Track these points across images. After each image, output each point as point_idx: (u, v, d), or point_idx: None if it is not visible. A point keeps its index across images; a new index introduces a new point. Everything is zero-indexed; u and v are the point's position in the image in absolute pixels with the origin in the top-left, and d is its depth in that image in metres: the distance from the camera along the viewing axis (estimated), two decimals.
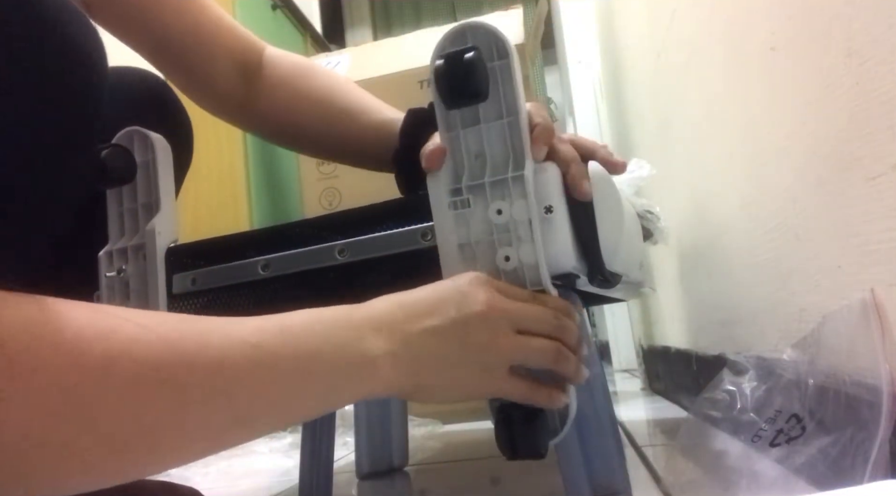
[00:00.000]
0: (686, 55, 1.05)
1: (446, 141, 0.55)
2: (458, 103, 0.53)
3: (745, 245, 0.86)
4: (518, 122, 0.53)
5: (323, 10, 2.92)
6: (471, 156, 0.54)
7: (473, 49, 0.51)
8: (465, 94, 0.51)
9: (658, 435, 1.15)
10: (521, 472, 0.95)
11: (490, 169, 0.54)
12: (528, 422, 0.51)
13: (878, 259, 0.52)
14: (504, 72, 0.52)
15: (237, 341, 0.37)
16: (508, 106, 0.53)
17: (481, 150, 0.54)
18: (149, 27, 0.71)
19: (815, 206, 0.64)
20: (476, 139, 0.54)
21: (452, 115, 0.54)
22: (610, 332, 2.35)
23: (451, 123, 0.54)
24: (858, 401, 0.52)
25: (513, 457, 0.51)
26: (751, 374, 0.69)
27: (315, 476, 0.77)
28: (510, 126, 0.53)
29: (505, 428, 0.51)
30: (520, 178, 0.52)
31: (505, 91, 0.53)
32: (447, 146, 0.54)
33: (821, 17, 0.58)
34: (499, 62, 0.52)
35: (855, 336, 0.54)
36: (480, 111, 0.53)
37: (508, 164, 0.53)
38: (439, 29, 1.51)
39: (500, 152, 0.54)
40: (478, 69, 0.50)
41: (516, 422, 0.51)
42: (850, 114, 0.55)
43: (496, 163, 0.54)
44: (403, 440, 1.06)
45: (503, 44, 0.52)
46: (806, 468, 0.56)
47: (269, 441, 1.46)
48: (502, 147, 0.53)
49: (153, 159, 0.66)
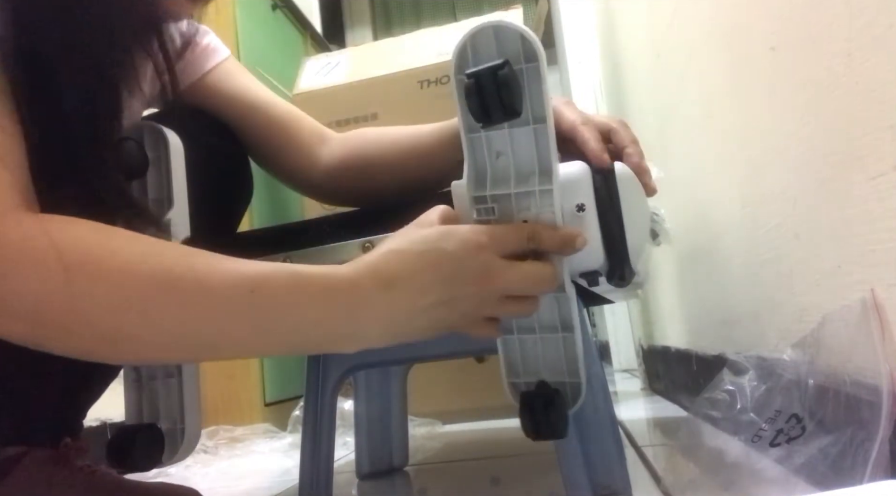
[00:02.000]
0: (686, 55, 1.05)
1: (467, 142, 0.53)
2: (491, 122, 0.50)
3: (745, 245, 0.86)
4: (546, 129, 0.51)
5: (323, 10, 2.92)
6: (492, 155, 0.53)
7: (505, 65, 0.47)
8: (501, 114, 0.48)
9: (658, 435, 1.15)
10: (521, 472, 0.95)
11: (514, 173, 0.52)
12: (546, 406, 0.54)
13: (878, 259, 0.52)
14: (532, 75, 0.49)
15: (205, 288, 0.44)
16: (536, 112, 0.51)
17: (504, 149, 0.53)
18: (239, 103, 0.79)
19: (815, 206, 0.64)
20: (500, 141, 0.52)
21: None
22: (610, 332, 2.35)
23: (474, 125, 0.52)
24: (858, 401, 0.52)
25: (536, 438, 0.55)
26: (751, 374, 0.69)
27: (315, 476, 0.77)
28: (537, 133, 0.51)
29: (527, 413, 0.54)
30: (548, 193, 0.52)
31: (532, 96, 0.50)
32: (468, 147, 0.53)
33: (821, 17, 0.58)
34: (526, 65, 0.49)
35: (855, 336, 0.54)
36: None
37: (534, 169, 0.52)
38: (439, 29, 1.51)
39: (525, 156, 0.52)
40: (512, 88, 0.47)
41: (537, 408, 0.54)
42: (850, 114, 0.55)
43: (520, 166, 0.52)
44: (403, 440, 1.06)
45: (531, 46, 0.49)
46: (806, 468, 0.56)
47: (270, 441, 1.46)
48: (528, 152, 0.52)
49: (166, 155, 0.65)
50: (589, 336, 0.60)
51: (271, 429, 1.57)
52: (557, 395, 0.54)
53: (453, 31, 1.48)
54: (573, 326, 0.56)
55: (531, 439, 0.55)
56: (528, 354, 0.57)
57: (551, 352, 0.56)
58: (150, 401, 0.64)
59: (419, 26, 2.45)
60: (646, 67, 1.42)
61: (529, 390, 0.56)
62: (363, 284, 0.47)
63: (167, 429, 0.63)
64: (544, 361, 0.56)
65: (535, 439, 0.55)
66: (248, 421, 1.60)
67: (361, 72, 1.46)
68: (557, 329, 0.56)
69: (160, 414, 0.63)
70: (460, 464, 1.08)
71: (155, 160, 0.66)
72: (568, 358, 0.56)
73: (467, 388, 1.43)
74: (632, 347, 2.18)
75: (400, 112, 1.39)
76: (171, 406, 0.63)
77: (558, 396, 0.54)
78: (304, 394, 0.78)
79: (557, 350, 0.56)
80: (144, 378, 0.64)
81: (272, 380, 1.69)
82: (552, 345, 0.56)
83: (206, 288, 0.43)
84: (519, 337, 0.57)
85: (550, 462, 0.59)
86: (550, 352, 0.56)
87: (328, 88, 1.45)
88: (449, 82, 1.42)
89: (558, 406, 0.54)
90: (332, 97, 1.44)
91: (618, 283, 0.59)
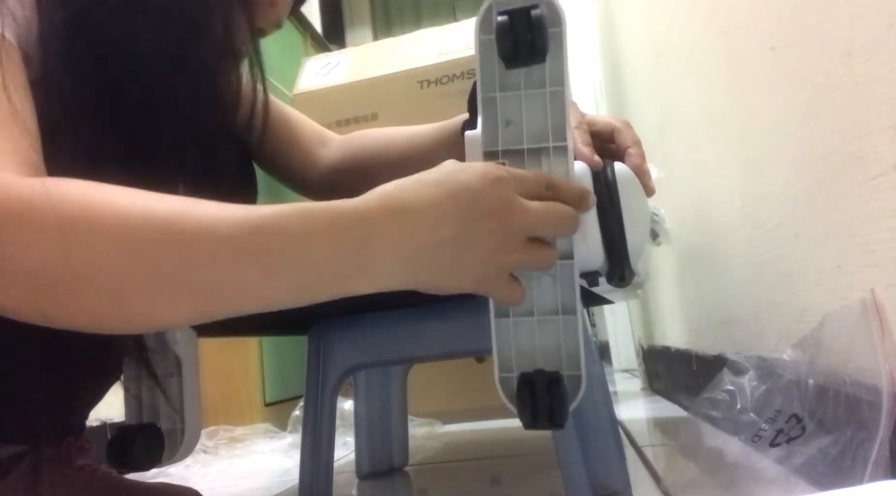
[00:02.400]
0: (686, 55, 1.05)
1: (484, 102, 0.52)
2: (519, 61, 0.50)
3: (745, 245, 0.86)
4: (563, 93, 0.50)
5: (323, 10, 2.92)
6: (503, 122, 0.52)
7: (539, 5, 0.48)
8: (530, 52, 0.49)
9: (658, 435, 1.15)
10: (521, 472, 0.95)
11: (527, 134, 0.51)
12: (549, 388, 0.50)
13: (878, 259, 0.52)
14: (555, 40, 0.50)
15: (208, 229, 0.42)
16: (554, 75, 0.50)
17: (517, 117, 0.51)
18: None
19: (815, 206, 0.64)
20: (513, 105, 0.51)
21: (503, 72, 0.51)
22: (610, 332, 2.35)
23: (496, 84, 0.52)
24: (858, 401, 0.52)
25: (533, 425, 0.51)
26: (751, 374, 0.69)
27: (315, 476, 0.77)
28: (552, 96, 0.50)
29: (526, 396, 0.51)
30: (562, 149, 0.50)
31: (553, 59, 0.50)
32: (483, 109, 0.52)
33: (821, 17, 0.58)
34: (551, 30, 0.49)
35: (855, 336, 0.54)
36: (523, 76, 0.51)
37: (547, 130, 0.51)
38: (439, 29, 1.51)
39: (538, 121, 0.51)
40: (543, 26, 0.48)
41: (537, 391, 0.50)
42: (850, 114, 0.55)
43: (532, 131, 0.51)
44: (403, 440, 1.06)
45: (556, 10, 0.49)
46: (806, 468, 0.56)
47: (270, 441, 1.46)
48: (540, 116, 0.51)
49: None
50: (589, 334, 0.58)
51: (271, 429, 1.57)
52: (559, 379, 0.50)
53: (453, 31, 1.48)
54: (575, 308, 0.52)
55: (526, 427, 0.51)
56: (523, 343, 0.52)
57: (549, 339, 0.52)
58: (150, 401, 0.64)
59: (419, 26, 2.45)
60: (646, 67, 1.42)
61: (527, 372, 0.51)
62: (374, 212, 0.45)
63: (167, 428, 0.63)
64: (541, 351, 0.52)
65: (531, 427, 0.51)
66: (248, 421, 1.60)
67: (361, 72, 1.46)
68: (557, 311, 0.52)
69: (160, 414, 0.63)
70: (460, 464, 1.08)
71: None
72: (567, 345, 0.52)
73: (467, 388, 1.43)
74: (632, 347, 2.18)
75: (400, 112, 1.39)
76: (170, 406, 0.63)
77: (560, 381, 0.50)
78: (304, 394, 0.78)
79: (556, 336, 0.52)
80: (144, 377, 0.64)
81: (272, 380, 1.69)
82: (551, 331, 0.52)
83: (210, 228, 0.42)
84: (514, 319, 0.52)
85: (550, 462, 0.59)
86: (548, 338, 0.52)
87: (328, 88, 1.45)
88: (448, 82, 1.42)
89: (560, 390, 0.50)
90: (332, 97, 1.44)
91: (618, 284, 0.58)
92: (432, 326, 0.74)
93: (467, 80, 1.36)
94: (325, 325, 0.79)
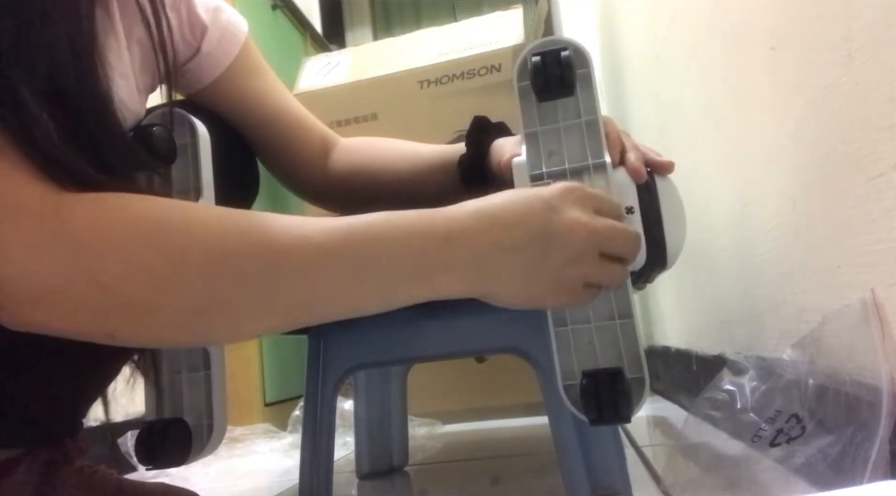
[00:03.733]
0: (686, 55, 1.05)
1: (527, 137, 0.58)
2: (550, 94, 0.58)
3: (745, 245, 0.86)
4: (596, 121, 0.58)
5: (323, 10, 2.92)
6: (546, 153, 0.58)
7: (567, 48, 0.58)
8: (560, 85, 0.57)
9: (658, 435, 1.15)
10: (521, 472, 0.95)
11: (568, 162, 0.57)
12: (613, 383, 0.52)
13: (878, 259, 0.52)
14: (584, 79, 0.58)
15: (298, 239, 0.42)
16: (587, 107, 0.58)
17: (557, 148, 0.58)
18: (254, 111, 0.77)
19: (815, 206, 0.64)
20: (553, 138, 0.58)
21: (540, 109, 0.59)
22: None
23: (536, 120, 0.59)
24: (858, 401, 0.52)
25: (598, 421, 0.52)
26: (751, 374, 0.69)
27: (315, 476, 0.76)
28: (588, 125, 0.58)
29: (591, 393, 0.53)
30: (602, 166, 0.56)
31: (584, 95, 0.58)
32: (525, 142, 0.58)
33: (821, 17, 0.58)
34: (579, 71, 0.58)
35: (855, 336, 0.54)
36: (560, 112, 0.58)
37: (586, 153, 0.57)
38: (439, 29, 1.51)
39: (577, 148, 0.58)
40: (571, 63, 0.57)
41: (602, 386, 0.52)
42: (850, 114, 0.55)
43: (573, 158, 0.57)
44: (403, 440, 1.06)
45: (583, 55, 0.59)
46: (806, 468, 0.56)
47: (269, 441, 1.46)
48: (579, 144, 0.57)
49: (194, 144, 0.63)
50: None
51: (271, 429, 1.57)
52: (621, 372, 0.53)
53: (453, 31, 1.48)
54: (630, 312, 0.54)
55: (592, 423, 0.53)
56: (582, 350, 0.55)
57: (608, 344, 0.54)
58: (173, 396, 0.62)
59: (419, 26, 2.45)
60: (646, 67, 1.42)
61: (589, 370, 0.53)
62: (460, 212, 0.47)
63: (193, 424, 0.62)
64: (602, 353, 0.54)
65: (597, 423, 0.52)
66: (248, 421, 1.60)
67: (361, 72, 1.46)
68: (614, 316, 0.54)
69: (184, 409, 0.62)
70: (460, 464, 1.08)
71: (182, 148, 0.63)
72: (627, 348, 0.54)
73: (467, 388, 1.43)
74: None
75: (400, 112, 1.39)
76: (196, 401, 0.62)
77: (622, 373, 0.53)
78: (304, 394, 0.78)
79: (615, 340, 0.54)
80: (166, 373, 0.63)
81: (272, 380, 1.69)
82: (609, 335, 0.54)
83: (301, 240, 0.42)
84: (572, 327, 0.55)
85: (550, 462, 0.59)
86: (607, 343, 0.54)
87: (328, 88, 1.45)
88: (448, 82, 1.42)
89: (623, 383, 0.52)
90: (332, 97, 1.44)
91: (640, 286, 0.61)
92: (432, 326, 0.74)
93: (467, 80, 1.36)
94: (325, 325, 0.79)
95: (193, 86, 0.73)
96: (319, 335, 0.79)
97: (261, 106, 0.77)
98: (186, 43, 0.69)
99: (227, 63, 0.73)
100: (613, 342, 0.54)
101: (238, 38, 0.74)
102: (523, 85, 0.59)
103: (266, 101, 0.77)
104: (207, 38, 0.70)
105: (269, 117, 0.78)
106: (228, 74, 0.73)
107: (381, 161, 0.82)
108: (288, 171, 0.83)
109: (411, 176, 0.80)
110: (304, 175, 0.82)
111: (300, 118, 0.81)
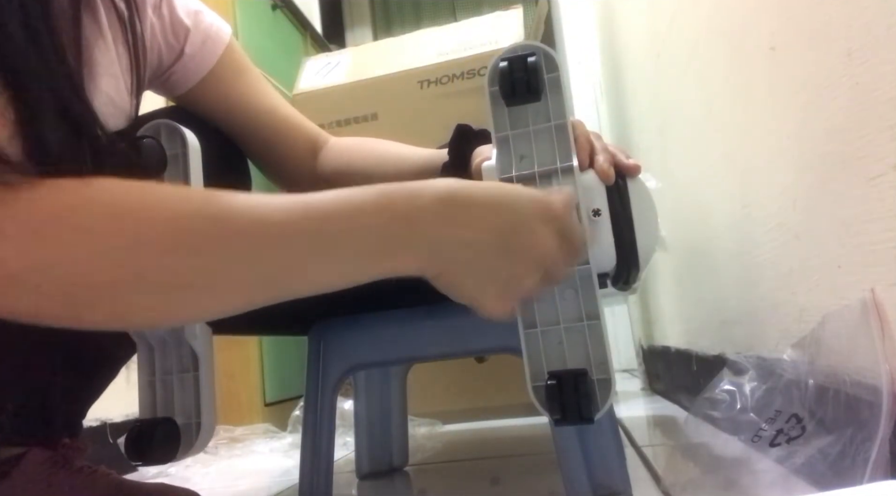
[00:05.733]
0: (686, 55, 1.05)
1: (498, 141, 0.59)
2: (517, 99, 0.58)
3: (745, 245, 0.86)
4: (565, 125, 0.58)
5: (323, 10, 2.92)
6: (517, 157, 0.58)
7: (534, 54, 0.58)
8: (525, 93, 0.57)
9: (658, 435, 1.15)
10: (521, 472, 0.95)
11: (538, 165, 0.57)
12: (576, 384, 0.53)
13: (878, 259, 0.52)
14: (553, 83, 0.59)
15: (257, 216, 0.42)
16: (556, 112, 0.58)
17: (528, 152, 0.58)
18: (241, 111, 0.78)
19: (815, 206, 0.64)
20: (524, 142, 0.58)
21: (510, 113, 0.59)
22: (610, 332, 2.35)
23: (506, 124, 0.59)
24: (858, 401, 0.52)
25: (563, 421, 0.54)
26: (751, 374, 0.69)
27: (315, 476, 0.77)
28: (557, 129, 0.58)
29: (555, 394, 0.54)
30: (569, 169, 0.56)
31: (554, 99, 0.58)
32: (496, 146, 0.59)
33: (821, 17, 0.58)
34: (549, 75, 0.58)
35: (855, 336, 0.54)
36: (530, 116, 0.58)
37: (555, 157, 0.57)
38: (439, 29, 1.51)
39: (547, 152, 0.58)
40: (538, 69, 0.58)
41: (565, 386, 0.53)
42: (850, 114, 0.55)
43: (543, 162, 0.58)
44: (403, 440, 1.06)
45: (553, 60, 0.59)
46: (806, 468, 0.56)
47: (269, 441, 1.46)
48: (549, 148, 0.58)
49: (184, 153, 0.64)
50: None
51: (271, 429, 1.57)
52: (585, 374, 0.54)
53: (453, 31, 1.48)
54: (598, 313, 0.55)
55: (557, 424, 0.54)
56: (551, 351, 0.56)
57: (576, 346, 0.56)
58: (165, 396, 0.64)
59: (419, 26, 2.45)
60: (646, 67, 1.42)
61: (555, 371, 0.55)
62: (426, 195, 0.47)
63: (182, 423, 0.63)
64: (570, 354, 0.56)
65: (561, 423, 0.54)
66: (248, 421, 1.60)
67: (361, 72, 1.46)
68: (582, 318, 0.56)
69: (175, 408, 0.63)
70: (460, 464, 1.08)
71: (173, 158, 0.65)
72: (594, 349, 0.55)
73: (467, 388, 1.43)
74: (632, 347, 2.18)
75: (400, 112, 1.39)
76: (186, 401, 0.63)
77: (586, 375, 0.54)
78: (304, 394, 0.79)
79: (583, 341, 0.55)
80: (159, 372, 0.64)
81: (272, 380, 1.69)
82: (577, 336, 0.56)
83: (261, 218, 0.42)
84: (541, 329, 0.56)
85: (550, 462, 0.59)
86: (575, 344, 0.56)
87: (328, 88, 1.45)
88: (448, 82, 1.42)
89: (587, 385, 0.53)
90: (332, 97, 1.44)
91: (622, 287, 0.61)
92: (432, 326, 0.74)
93: (467, 80, 1.36)
94: (325, 325, 0.79)
95: (179, 88, 0.74)
96: (319, 335, 0.79)
97: (247, 106, 0.78)
98: (170, 46, 0.71)
99: (210, 65, 0.74)
100: (582, 343, 0.55)
101: (221, 40, 0.75)
102: (493, 90, 0.59)
103: (251, 101, 0.78)
104: (190, 40, 0.72)
105: (255, 117, 0.78)
106: (213, 76, 0.75)
107: (368, 163, 0.83)
108: (276, 169, 0.83)
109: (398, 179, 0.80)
110: (292, 174, 0.83)
111: (287, 118, 0.82)
